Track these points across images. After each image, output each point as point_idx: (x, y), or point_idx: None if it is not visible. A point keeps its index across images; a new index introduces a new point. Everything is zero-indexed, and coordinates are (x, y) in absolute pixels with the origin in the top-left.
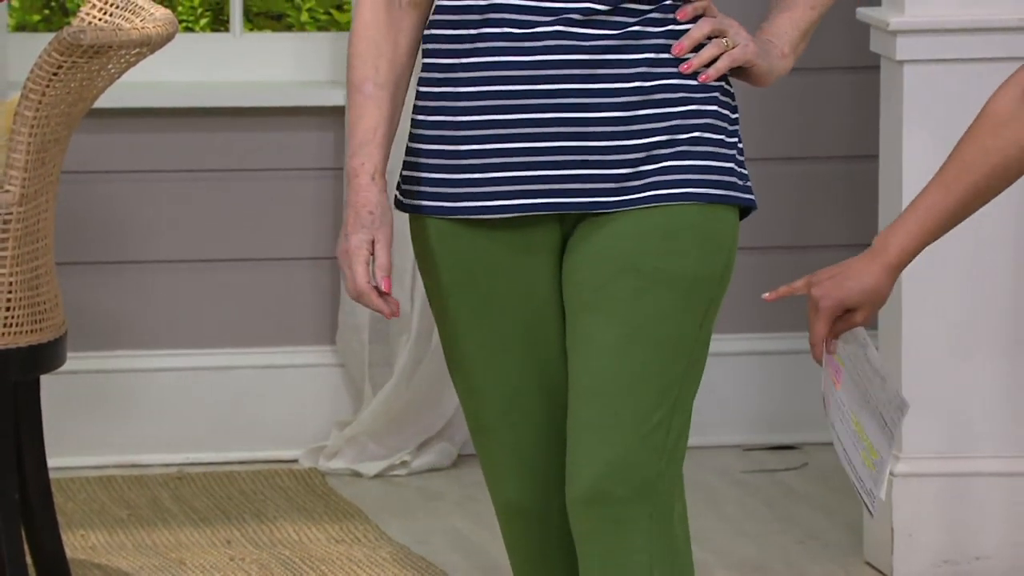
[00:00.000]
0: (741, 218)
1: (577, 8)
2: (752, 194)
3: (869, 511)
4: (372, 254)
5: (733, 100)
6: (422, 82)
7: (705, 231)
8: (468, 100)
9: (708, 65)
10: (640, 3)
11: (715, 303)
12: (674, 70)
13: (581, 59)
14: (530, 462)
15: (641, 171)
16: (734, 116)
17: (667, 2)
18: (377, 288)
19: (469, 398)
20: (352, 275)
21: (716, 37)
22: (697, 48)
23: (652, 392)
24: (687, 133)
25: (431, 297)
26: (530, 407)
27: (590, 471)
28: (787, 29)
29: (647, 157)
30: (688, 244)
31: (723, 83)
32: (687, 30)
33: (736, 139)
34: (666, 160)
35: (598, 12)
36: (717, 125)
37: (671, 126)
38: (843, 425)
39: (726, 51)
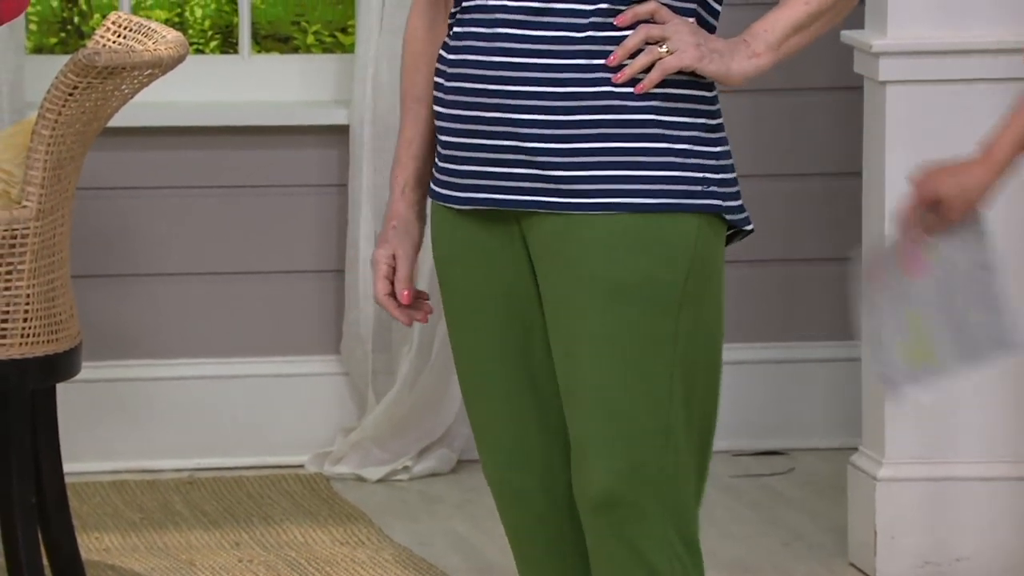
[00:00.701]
0: (737, 224)
1: (522, 7)
2: (721, 199)
3: (888, 389)
4: (393, 266)
5: (696, 103)
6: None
7: (646, 239)
8: (450, 93)
9: (646, 72)
10: (578, 3)
11: (689, 304)
12: (608, 75)
13: (518, 62)
14: (521, 438)
15: (577, 176)
16: (691, 120)
17: (603, 5)
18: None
19: (461, 361)
20: (374, 286)
21: (653, 44)
22: (634, 55)
23: (640, 396)
24: (619, 142)
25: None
26: (521, 392)
27: (599, 478)
28: (772, 26)
29: (581, 163)
30: (627, 252)
31: (668, 89)
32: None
33: (694, 145)
34: (599, 168)
35: (540, 12)
36: (655, 133)
37: (602, 134)
38: (892, 310)
39: (659, 59)
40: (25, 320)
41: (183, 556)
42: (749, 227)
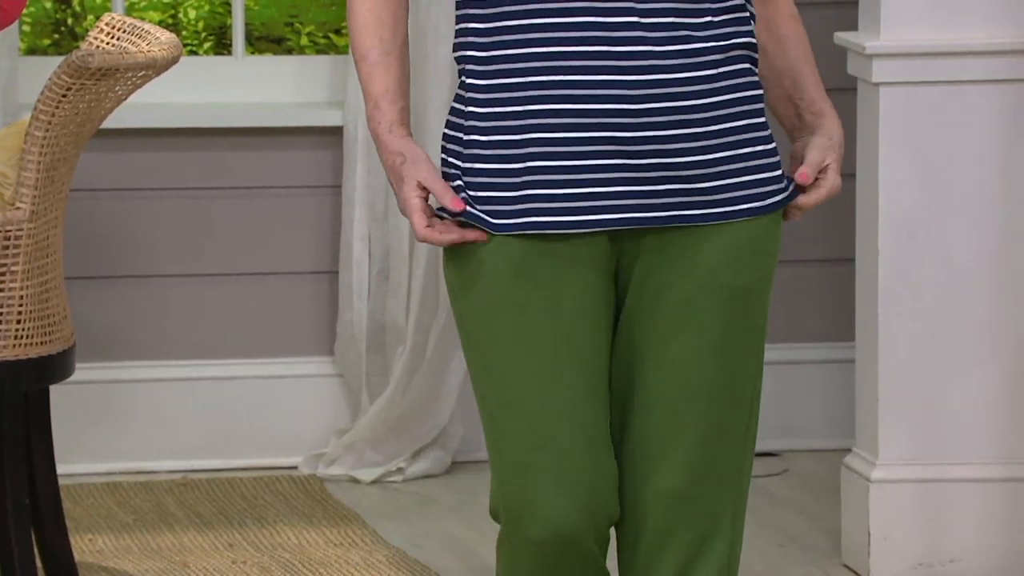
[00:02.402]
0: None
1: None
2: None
3: None
4: (425, 196)
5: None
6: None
7: (763, 239)
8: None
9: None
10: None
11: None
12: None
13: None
14: (576, 478)
15: (716, 186)
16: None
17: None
18: (441, 218)
19: (511, 412)
20: (414, 226)
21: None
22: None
23: (739, 403)
24: (746, 147)
25: (469, 315)
26: (579, 417)
27: (680, 471)
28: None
29: (720, 172)
30: (752, 255)
31: (760, 91)
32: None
33: (773, 142)
34: (733, 176)
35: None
36: (767, 135)
37: (734, 141)
38: None
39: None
40: (18, 322)
41: (177, 558)
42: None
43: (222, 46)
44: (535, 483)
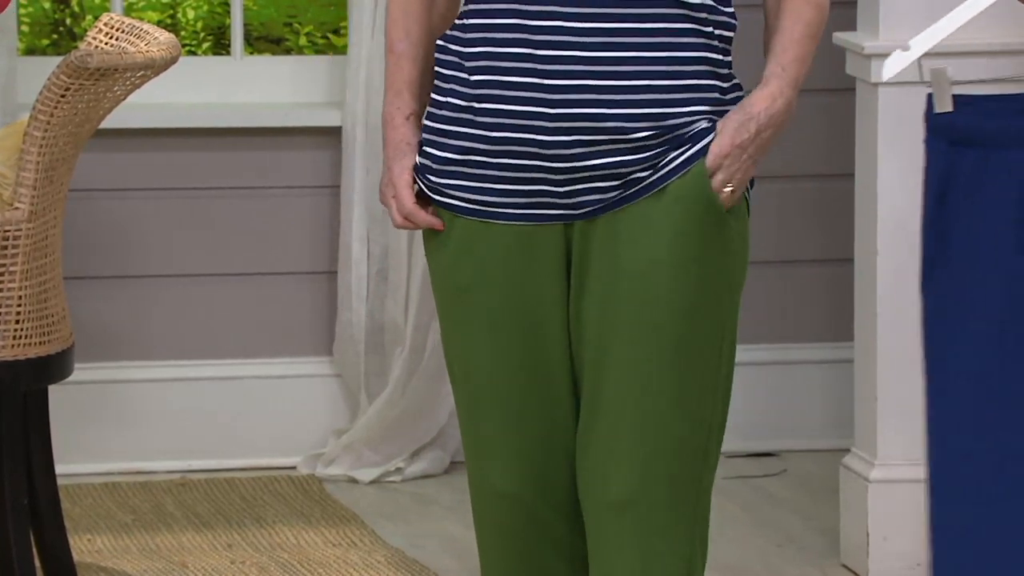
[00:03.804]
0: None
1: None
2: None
3: None
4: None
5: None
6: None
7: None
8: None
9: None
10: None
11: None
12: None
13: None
14: (525, 450)
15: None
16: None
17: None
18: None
19: (465, 381)
20: (400, 199)
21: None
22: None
23: (695, 411)
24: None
25: (445, 292)
26: (528, 396)
27: (626, 476)
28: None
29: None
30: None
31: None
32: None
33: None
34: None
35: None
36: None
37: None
38: None
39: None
40: (17, 322)
41: (175, 558)
42: None
43: (221, 46)
44: (481, 450)
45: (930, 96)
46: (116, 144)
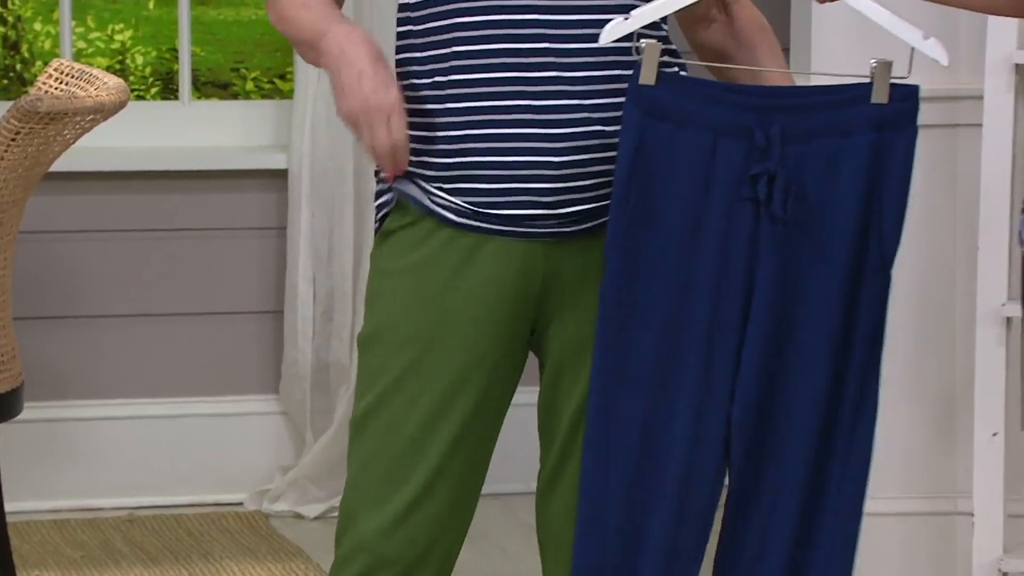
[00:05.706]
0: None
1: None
2: None
3: None
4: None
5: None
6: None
7: None
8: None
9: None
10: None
11: None
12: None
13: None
14: (397, 512)
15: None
16: None
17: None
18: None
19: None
20: (397, 124)
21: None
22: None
23: None
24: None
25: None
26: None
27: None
28: None
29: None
30: None
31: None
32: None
33: None
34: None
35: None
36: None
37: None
38: None
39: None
40: None
41: None
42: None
43: (169, 91)
44: (360, 502)
45: (638, 65)
46: (66, 187)
